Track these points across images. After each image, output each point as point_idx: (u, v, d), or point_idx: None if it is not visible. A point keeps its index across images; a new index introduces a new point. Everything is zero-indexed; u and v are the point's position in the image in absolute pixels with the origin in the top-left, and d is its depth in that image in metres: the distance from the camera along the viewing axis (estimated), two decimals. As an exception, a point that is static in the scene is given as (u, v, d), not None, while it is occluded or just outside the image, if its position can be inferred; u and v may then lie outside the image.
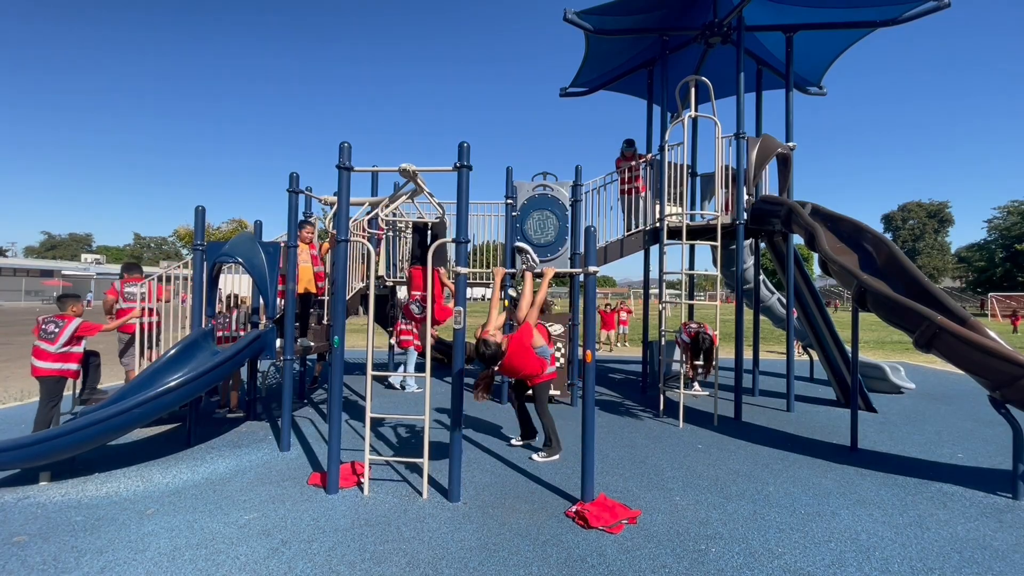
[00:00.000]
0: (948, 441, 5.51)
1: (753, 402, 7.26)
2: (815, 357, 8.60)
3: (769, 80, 8.25)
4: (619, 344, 16.09)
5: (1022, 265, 46.01)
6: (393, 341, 8.40)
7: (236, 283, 7.68)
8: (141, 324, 5.65)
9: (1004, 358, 3.81)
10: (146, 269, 7.00)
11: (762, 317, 8.56)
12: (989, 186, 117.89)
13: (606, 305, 16.45)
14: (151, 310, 5.84)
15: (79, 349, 4.82)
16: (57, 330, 4.65)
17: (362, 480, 3.97)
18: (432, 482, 4.02)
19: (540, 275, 4.23)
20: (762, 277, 8.33)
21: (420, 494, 3.86)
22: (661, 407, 6.54)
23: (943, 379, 9.49)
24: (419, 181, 4.28)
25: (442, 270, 6.31)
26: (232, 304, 6.80)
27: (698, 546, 3.14)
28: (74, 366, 4.80)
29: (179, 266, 6.17)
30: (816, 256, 5.52)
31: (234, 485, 4.04)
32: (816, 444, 5.36)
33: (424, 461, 3.93)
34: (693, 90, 6.73)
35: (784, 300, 8.09)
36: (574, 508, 3.58)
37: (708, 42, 7.20)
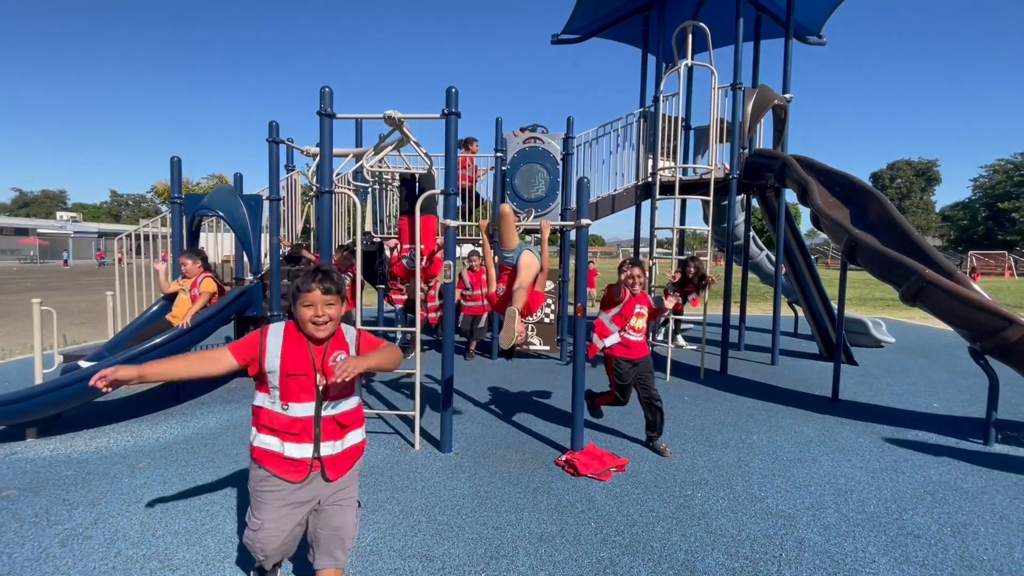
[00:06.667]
0: (925, 392, 5.70)
1: (739, 356, 7.39)
2: (800, 313, 8.73)
3: (768, 29, 7.94)
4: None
5: (1003, 224, 46.71)
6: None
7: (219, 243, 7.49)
8: None
9: (986, 310, 3.88)
10: (124, 227, 6.76)
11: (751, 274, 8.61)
12: (980, 144, 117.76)
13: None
14: None
15: None
16: None
17: (354, 433, 3.99)
18: (424, 434, 4.07)
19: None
20: (752, 234, 8.32)
21: (412, 446, 3.91)
22: (649, 361, 6.64)
23: (922, 333, 9.75)
24: (405, 130, 4.09)
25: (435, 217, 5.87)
26: None
27: (684, 491, 3.24)
28: None
29: (154, 223, 5.94)
30: (807, 211, 5.50)
31: (225, 439, 4.05)
32: (799, 395, 5.50)
33: (416, 413, 3.96)
34: (690, 37, 6.46)
35: (772, 257, 8.12)
36: (564, 457, 3.65)
37: (707, -15, 6.85)
